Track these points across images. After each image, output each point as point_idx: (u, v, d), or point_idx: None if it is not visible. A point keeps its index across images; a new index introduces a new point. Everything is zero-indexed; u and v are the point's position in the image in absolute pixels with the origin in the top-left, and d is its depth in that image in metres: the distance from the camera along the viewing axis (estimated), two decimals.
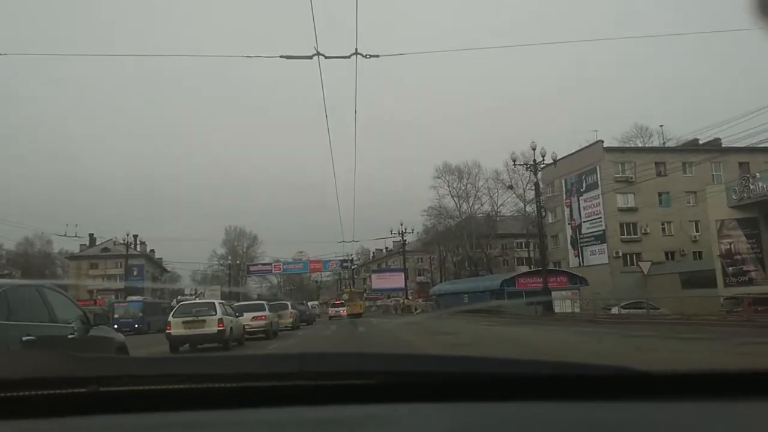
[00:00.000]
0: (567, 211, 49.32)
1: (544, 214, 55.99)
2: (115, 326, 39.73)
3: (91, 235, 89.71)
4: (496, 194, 58.06)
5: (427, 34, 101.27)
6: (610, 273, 43.30)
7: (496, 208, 58.11)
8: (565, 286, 34.04)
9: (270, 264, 79.56)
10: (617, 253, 44.33)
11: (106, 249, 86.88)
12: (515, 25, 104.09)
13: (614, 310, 27.75)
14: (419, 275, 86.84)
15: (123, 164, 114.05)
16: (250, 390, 1.26)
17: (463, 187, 57.89)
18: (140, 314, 37.50)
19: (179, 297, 48.41)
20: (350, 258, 79.01)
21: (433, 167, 61.34)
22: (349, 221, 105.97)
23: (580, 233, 47.39)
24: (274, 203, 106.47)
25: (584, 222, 46.79)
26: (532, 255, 67.51)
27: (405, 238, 56.70)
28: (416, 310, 53.95)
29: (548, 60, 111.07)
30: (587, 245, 46.52)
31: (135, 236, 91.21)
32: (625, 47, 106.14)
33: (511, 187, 58.46)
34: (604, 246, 44.94)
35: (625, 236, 45.04)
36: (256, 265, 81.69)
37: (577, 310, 33.09)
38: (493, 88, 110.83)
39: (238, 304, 24.79)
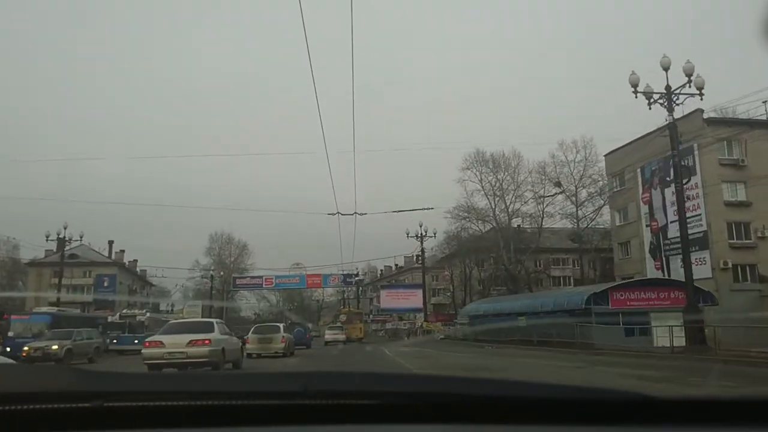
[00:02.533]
0: (645, 208, 37.00)
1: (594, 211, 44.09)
2: (7, 348, 26.64)
3: (59, 238, 77.70)
4: (542, 190, 45.58)
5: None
6: (716, 290, 30.75)
7: (542, 208, 45.50)
8: (684, 304, 21.79)
9: (260, 277, 67.29)
10: (725, 263, 31.88)
11: (73, 255, 74.88)
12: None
13: None
14: (433, 296, 74.21)
15: (112, 172, 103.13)
16: (255, 408, 1.25)
17: (499, 183, 45.58)
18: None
19: (124, 311, 36.33)
20: (355, 272, 66.71)
21: (462, 156, 49.21)
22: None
23: (665, 238, 35.00)
24: (269, 207, 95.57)
25: (673, 222, 34.34)
26: (587, 269, 55.42)
27: (423, 244, 44.24)
28: (438, 334, 41.41)
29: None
30: (677, 253, 33.97)
31: (110, 242, 79.38)
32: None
33: (559, 185, 46.15)
34: (705, 254, 32.49)
35: (735, 241, 32.62)
36: (245, 278, 69.46)
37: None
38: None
39: (175, 322, 19.68)
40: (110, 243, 79.07)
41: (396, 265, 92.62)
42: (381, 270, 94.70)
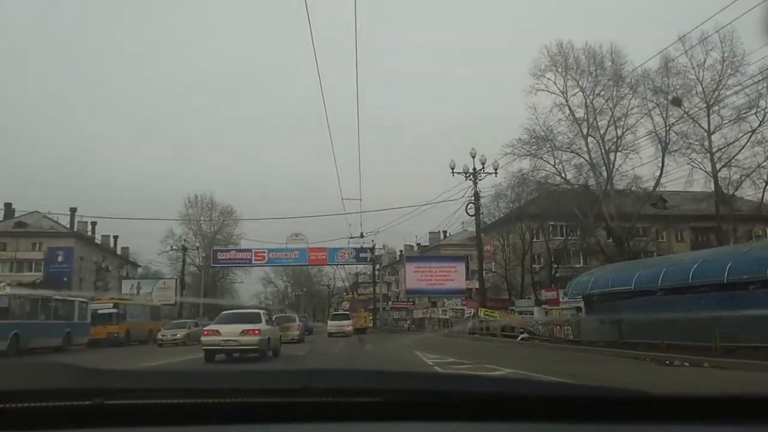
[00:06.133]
0: None
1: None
2: None
3: (8, 204, 62.93)
4: (665, 111, 29.00)
5: None
6: None
7: (667, 132, 28.86)
8: None
9: (249, 251, 52.01)
10: None
11: (21, 224, 60.35)
12: None
13: None
14: (467, 279, 58.34)
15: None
16: (256, 405, 1.25)
17: (593, 95, 29.41)
18: None
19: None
20: (371, 246, 51.10)
21: (533, 57, 32.95)
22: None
23: None
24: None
25: None
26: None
27: (477, 184, 28.26)
28: (520, 332, 24.93)
29: None
30: None
31: (72, 209, 63.76)
32: None
33: (678, 102, 30.02)
34: None
35: None
36: (229, 251, 54.18)
37: None
38: None
39: (227, 312, 18.08)
40: (72, 210, 63.52)
41: (418, 244, 77.67)
42: (400, 250, 79.44)
